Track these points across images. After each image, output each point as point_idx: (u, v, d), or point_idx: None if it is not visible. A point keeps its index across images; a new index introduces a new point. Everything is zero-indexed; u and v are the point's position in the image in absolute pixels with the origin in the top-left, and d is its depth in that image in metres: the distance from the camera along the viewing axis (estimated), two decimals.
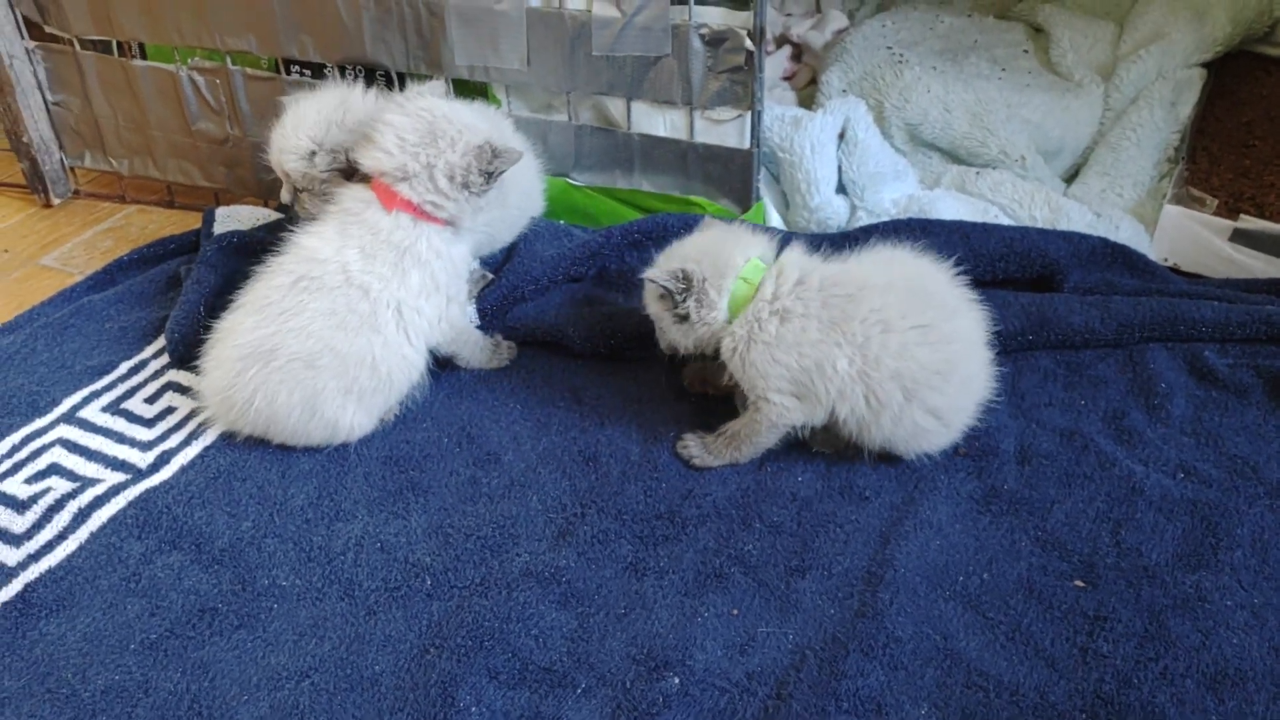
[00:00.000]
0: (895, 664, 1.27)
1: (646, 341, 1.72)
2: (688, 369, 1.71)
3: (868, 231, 1.86)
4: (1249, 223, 1.90)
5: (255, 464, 1.58)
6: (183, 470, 1.57)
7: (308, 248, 1.55)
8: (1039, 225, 1.98)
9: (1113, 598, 1.35)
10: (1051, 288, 1.85)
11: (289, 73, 2.08)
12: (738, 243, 1.54)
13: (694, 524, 1.47)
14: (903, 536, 1.43)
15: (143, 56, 2.19)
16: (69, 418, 1.67)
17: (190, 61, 2.13)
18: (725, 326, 1.51)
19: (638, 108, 1.95)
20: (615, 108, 1.98)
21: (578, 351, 1.77)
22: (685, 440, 1.58)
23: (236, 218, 2.04)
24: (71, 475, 1.57)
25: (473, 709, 1.23)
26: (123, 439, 1.64)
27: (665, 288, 1.50)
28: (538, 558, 1.42)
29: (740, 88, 1.85)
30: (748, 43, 1.79)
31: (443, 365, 1.69)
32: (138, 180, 2.35)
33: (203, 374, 1.60)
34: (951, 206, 1.99)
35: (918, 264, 1.52)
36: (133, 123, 2.24)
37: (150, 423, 1.67)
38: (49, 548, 1.46)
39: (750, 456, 1.54)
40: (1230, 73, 2.36)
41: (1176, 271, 1.94)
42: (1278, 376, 1.66)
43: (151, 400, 1.71)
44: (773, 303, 1.47)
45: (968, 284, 1.55)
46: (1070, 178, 2.19)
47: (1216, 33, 2.32)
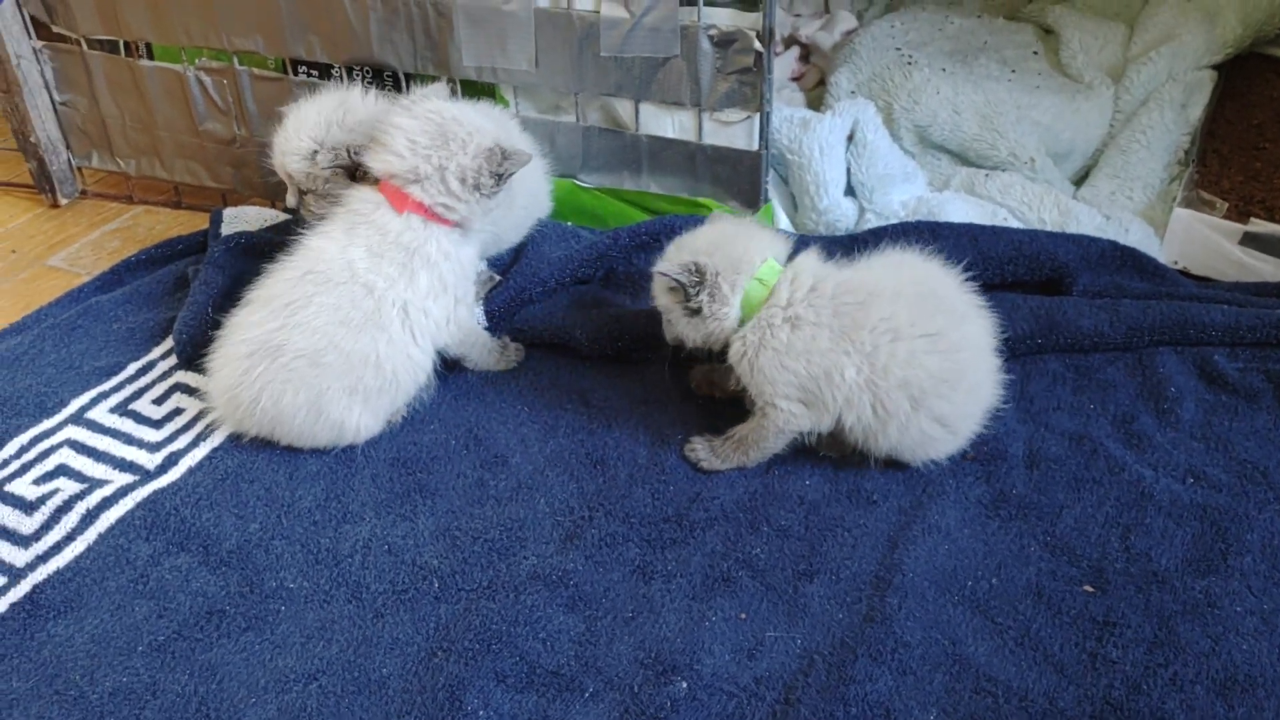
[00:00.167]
0: (904, 669, 1.26)
1: (654, 344, 1.72)
2: (694, 371, 1.70)
3: (876, 234, 1.85)
4: (1259, 226, 1.89)
5: (263, 465, 1.57)
6: (190, 472, 1.57)
7: (314, 247, 1.56)
8: (1048, 228, 1.97)
9: (1122, 603, 1.34)
10: (1060, 291, 1.84)
11: (296, 73, 2.08)
12: (753, 240, 1.52)
13: (702, 527, 1.46)
14: (911, 541, 1.42)
15: (150, 57, 2.19)
16: (77, 419, 1.68)
17: (197, 62, 2.13)
18: (736, 327, 1.49)
19: (646, 109, 1.94)
20: (623, 109, 1.98)
21: (585, 353, 1.77)
22: (693, 443, 1.57)
23: (244, 219, 2.04)
24: (79, 476, 1.57)
25: (480, 712, 1.23)
26: (131, 440, 1.64)
27: (677, 281, 1.48)
28: (545, 561, 1.42)
29: (749, 89, 1.84)
30: (756, 44, 1.79)
31: (450, 367, 1.69)
32: (145, 180, 2.35)
33: (210, 372, 1.60)
34: (960, 209, 1.98)
35: (926, 269, 1.51)
36: (140, 123, 2.24)
37: (158, 424, 1.67)
38: (57, 549, 1.46)
39: (758, 461, 1.54)
40: (1241, 75, 2.34)
41: (1186, 275, 1.94)
42: None
43: (159, 401, 1.71)
44: (786, 309, 1.46)
45: (976, 287, 1.54)
46: (1080, 180, 2.19)
47: (1227, 35, 2.31)
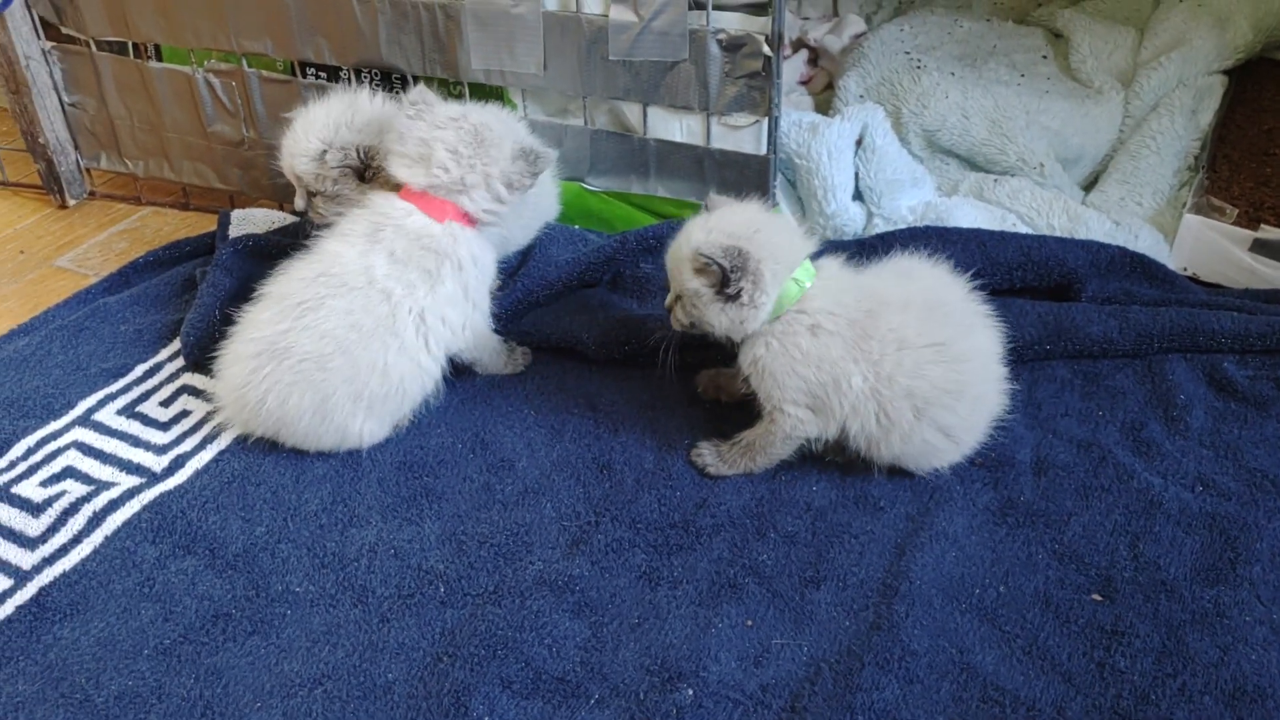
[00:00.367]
0: (911, 677, 1.26)
1: (660, 348, 1.72)
2: (701, 375, 1.70)
3: (884, 239, 1.85)
4: (1270, 233, 1.88)
5: (269, 468, 1.57)
6: (197, 474, 1.57)
7: (332, 250, 1.55)
8: (1057, 233, 1.97)
9: (1130, 612, 1.33)
10: (1069, 297, 1.83)
11: (304, 76, 2.08)
12: (795, 235, 1.48)
13: (708, 533, 1.46)
14: (918, 548, 1.42)
15: (158, 58, 2.19)
16: (84, 420, 1.68)
17: (206, 64, 2.13)
18: (764, 321, 1.44)
19: (654, 113, 1.94)
20: (631, 112, 1.97)
21: (592, 357, 1.76)
22: (700, 449, 1.57)
23: (251, 221, 2.04)
24: (86, 478, 1.57)
25: (485, 719, 1.22)
26: (138, 442, 1.64)
27: (717, 264, 1.40)
28: (551, 566, 1.42)
29: (757, 93, 1.84)
30: (765, 48, 1.79)
31: (457, 372, 1.69)
32: (153, 182, 2.35)
33: (218, 370, 1.60)
34: (969, 214, 1.98)
35: (935, 277, 1.51)
36: (148, 124, 2.24)
37: (165, 426, 1.67)
38: (63, 551, 1.46)
39: (764, 467, 1.54)
40: (1252, 80, 2.33)
41: (1196, 281, 1.93)
42: None
43: (166, 403, 1.71)
44: (810, 315, 1.44)
45: (985, 293, 1.54)
46: (1089, 186, 2.18)
47: (1238, 40, 2.30)
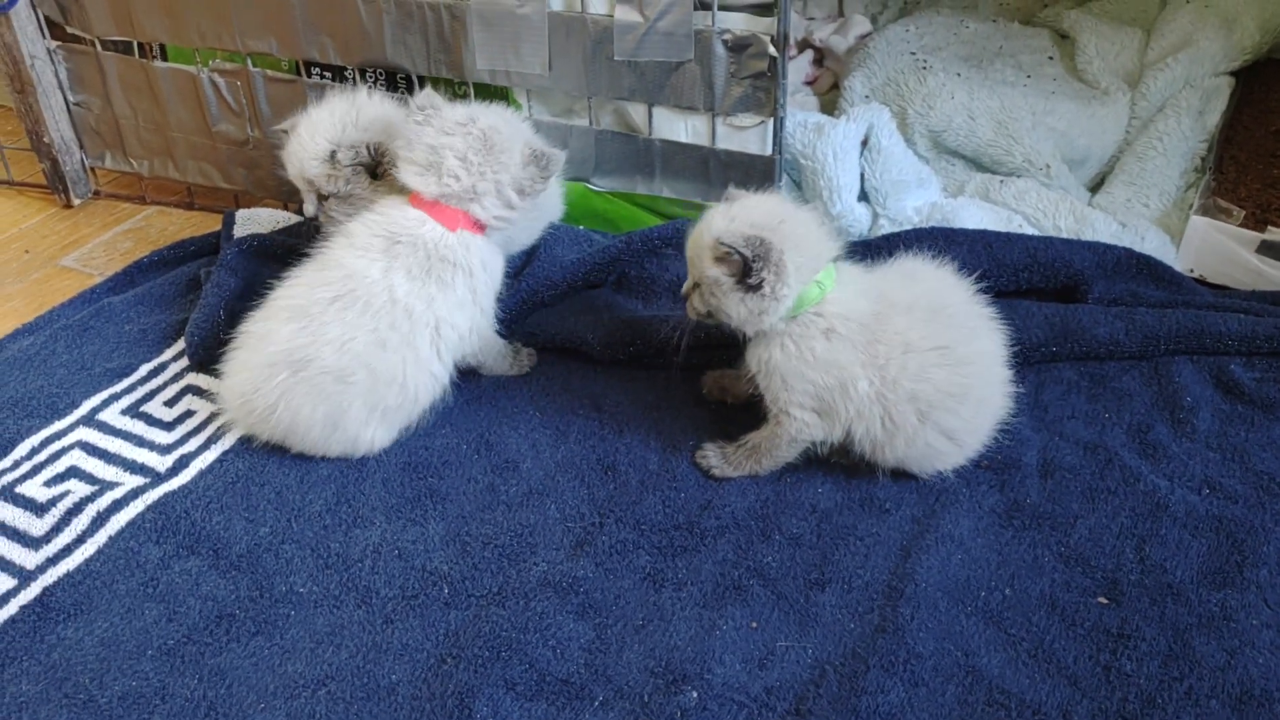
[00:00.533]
0: (916, 680, 1.26)
1: (666, 349, 1.72)
2: (706, 376, 1.70)
3: (890, 240, 1.84)
4: (1276, 234, 1.87)
5: (274, 469, 1.57)
6: (201, 475, 1.57)
7: (353, 268, 1.52)
8: (1063, 235, 1.96)
9: (1136, 615, 1.33)
10: (1075, 298, 1.83)
11: (309, 75, 2.07)
12: (821, 231, 1.45)
13: (713, 535, 1.46)
14: (924, 550, 1.41)
15: (164, 58, 2.19)
16: (88, 420, 1.68)
17: (211, 63, 2.13)
18: (778, 318, 1.42)
19: (659, 113, 1.93)
20: (636, 113, 1.97)
21: (597, 358, 1.76)
22: (704, 450, 1.57)
23: (256, 220, 2.04)
24: (90, 478, 1.57)
25: None
26: (142, 442, 1.64)
27: (739, 254, 1.38)
28: (555, 567, 1.41)
29: (763, 94, 1.84)
30: (771, 49, 1.78)
31: (463, 373, 1.68)
32: (158, 181, 2.35)
33: (224, 376, 1.59)
34: (975, 215, 1.97)
35: (939, 280, 1.50)
36: (153, 124, 2.24)
37: (169, 426, 1.67)
38: (67, 551, 1.46)
39: (770, 469, 1.53)
40: (1259, 82, 2.32)
41: (1202, 283, 1.92)
42: None
43: (171, 404, 1.71)
44: (826, 319, 1.42)
45: (990, 295, 1.54)
46: (1095, 187, 2.17)
47: (1245, 41, 2.29)
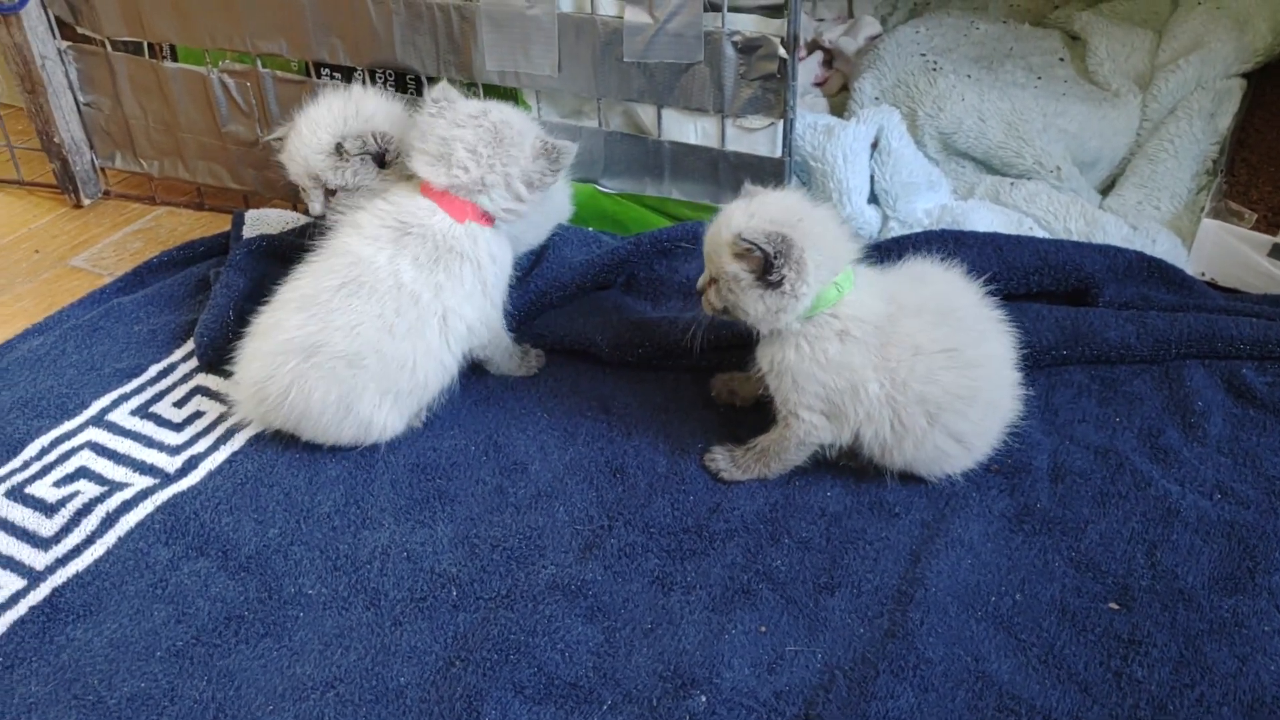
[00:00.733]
0: (926, 686, 1.25)
1: (675, 351, 1.71)
2: (715, 379, 1.70)
3: (900, 242, 1.84)
4: None
5: (283, 470, 1.57)
6: (210, 475, 1.57)
7: (359, 253, 1.53)
8: (1074, 237, 1.95)
9: (1148, 621, 1.32)
10: (1086, 302, 1.82)
11: (319, 76, 2.07)
12: (841, 230, 1.45)
13: (722, 538, 1.45)
14: (934, 555, 1.41)
15: (173, 58, 2.19)
16: (98, 421, 1.68)
17: (221, 64, 2.13)
18: (795, 316, 1.41)
19: (668, 115, 1.93)
20: (645, 114, 1.97)
21: (605, 360, 1.76)
22: (713, 453, 1.56)
23: (266, 221, 2.04)
24: (100, 479, 1.57)
25: None
26: (151, 443, 1.64)
27: (762, 250, 1.36)
28: (564, 570, 1.41)
29: (773, 95, 1.83)
30: (781, 50, 1.78)
31: (471, 374, 1.68)
32: (167, 181, 2.36)
33: (238, 366, 1.59)
34: (985, 217, 1.97)
35: (947, 282, 1.50)
36: (163, 124, 2.25)
37: (179, 427, 1.67)
38: (77, 552, 1.46)
39: (779, 473, 1.53)
40: (1271, 84, 2.31)
41: (1214, 287, 1.91)
42: None
43: (180, 404, 1.71)
44: (842, 321, 1.41)
45: (1001, 297, 1.53)
46: (1106, 189, 2.16)
47: (1257, 43, 2.28)
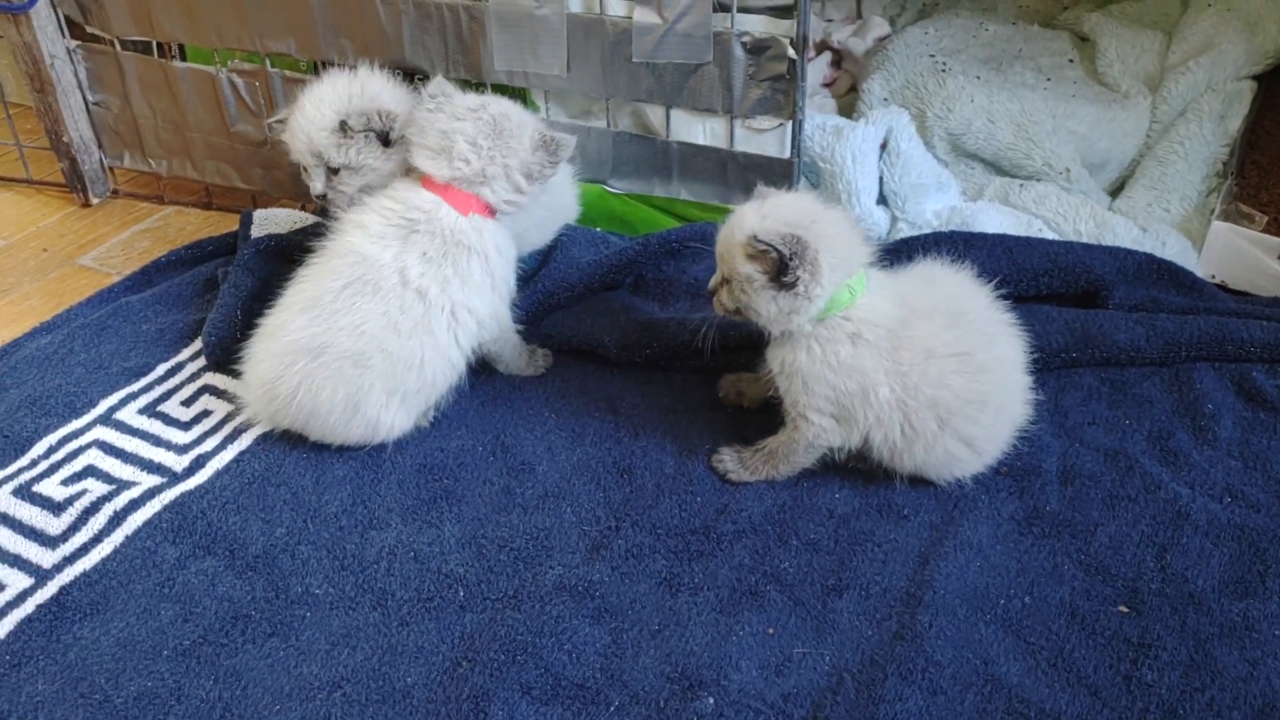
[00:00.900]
0: (934, 689, 1.24)
1: (683, 351, 1.71)
2: (723, 380, 1.69)
3: (909, 244, 1.83)
4: None
5: (290, 469, 1.57)
6: (218, 475, 1.57)
7: (365, 253, 1.53)
8: (1084, 239, 1.95)
9: (1158, 625, 1.32)
10: (1096, 304, 1.81)
11: None
12: (855, 233, 1.44)
13: (729, 540, 1.45)
14: (942, 557, 1.40)
15: (182, 58, 2.20)
16: (106, 419, 1.68)
17: (230, 64, 2.13)
18: (807, 318, 1.41)
19: (677, 115, 1.93)
20: (654, 115, 1.96)
21: (613, 360, 1.76)
22: (721, 454, 1.56)
23: (274, 221, 2.04)
24: (107, 478, 1.57)
25: None
26: (159, 442, 1.64)
27: (777, 252, 1.36)
28: (571, 571, 1.41)
29: (782, 96, 1.83)
30: (790, 51, 1.78)
31: (478, 373, 1.68)
32: (176, 181, 2.36)
33: (247, 366, 1.60)
34: (994, 219, 1.96)
35: (958, 284, 1.49)
36: (171, 124, 2.25)
37: (186, 426, 1.67)
38: (84, 550, 1.46)
39: (787, 475, 1.52)
40: None
41: (1224, 289, 1.91)
42: None
43: (188, 403, 1.71)
44: (854, 323, 1.41)
45: (1010, 299, 1.53)
46: (1116, 191, 2.16)
47: (1267, 45, 2.27)
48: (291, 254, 1.87)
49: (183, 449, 1.63)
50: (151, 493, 1.54)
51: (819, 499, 1.51)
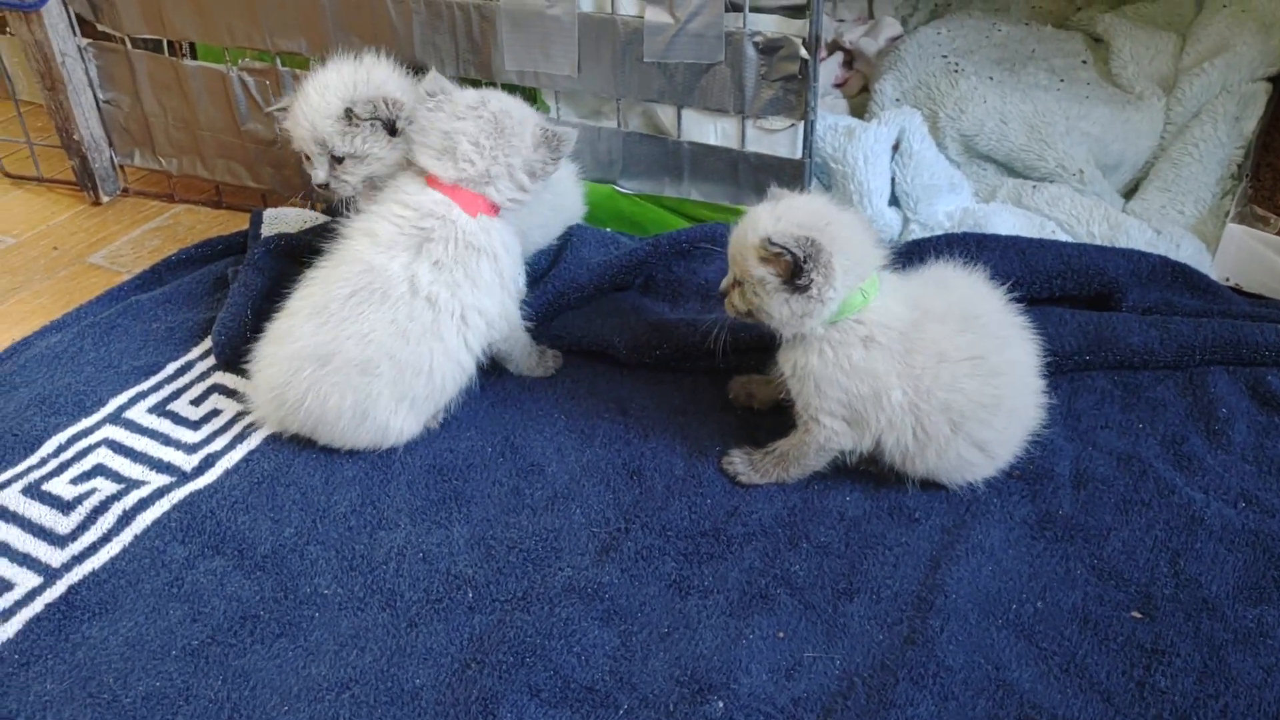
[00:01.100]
0: (946, 694, 1.24)
1: (693, 353, 1.70)
2: (733, 381, 1.68)
3: (921, 245, 1.82)
4: None
5: (299, 469, 1.57)
6: (227, 474, 1.57)
7: (372, 262, 1.52)
8: (1097, 242, 1.94)
9: (1171, 630, 1.31)
10: (1109, 306, 1.80)
11: None
12: (868, 235, 1.43)
13: (739, 542, 1.44)
14: (954, 561, 1.39)
15: (193, 56, 2.20)
16: (115, 418, 1.68)
17: (240, 62, 2.13)
18: (820, 321, 1.40)
19: (688, 115, 1.92)
20: (665, 115, 1.96)
21: (623, 361, 1.75)
22: (731, 456, 1.55)
23: (284, 220, 2.04)
24: (117, 477, 1.57)
25: None
26: (168, 441, 1.64)
27: (792, 254, 1.35)
28: (580, 573, 1.40)
29: (794, 96, 1.82)
30: (802, 51, 1.77)
31: (488, 374, 1.68)
32: (186, 179, 2.36)
33: (254, 370, 1.60)
34: (1007, 221, 1.95)
35: (971, 288, 1.48)
36: (182, 122, 2.25)
37: (196, 425, 1.67)
38: (93, 549, 1.46)
39: (797, 477, 1.51)
40: None
41: (1238, 292, 1.89)
42: None
43: (197, 402, 1.71)
44: (866, 326, 1.40)
45: (1024, 302, 1.52)
46: (1129, 193, 2.15)
47: None
48: (301, 254, 1.87)
49: (192, 448, 1.62)
50: (161, 492, 1.54)
51: (830, 502, 1.50)
